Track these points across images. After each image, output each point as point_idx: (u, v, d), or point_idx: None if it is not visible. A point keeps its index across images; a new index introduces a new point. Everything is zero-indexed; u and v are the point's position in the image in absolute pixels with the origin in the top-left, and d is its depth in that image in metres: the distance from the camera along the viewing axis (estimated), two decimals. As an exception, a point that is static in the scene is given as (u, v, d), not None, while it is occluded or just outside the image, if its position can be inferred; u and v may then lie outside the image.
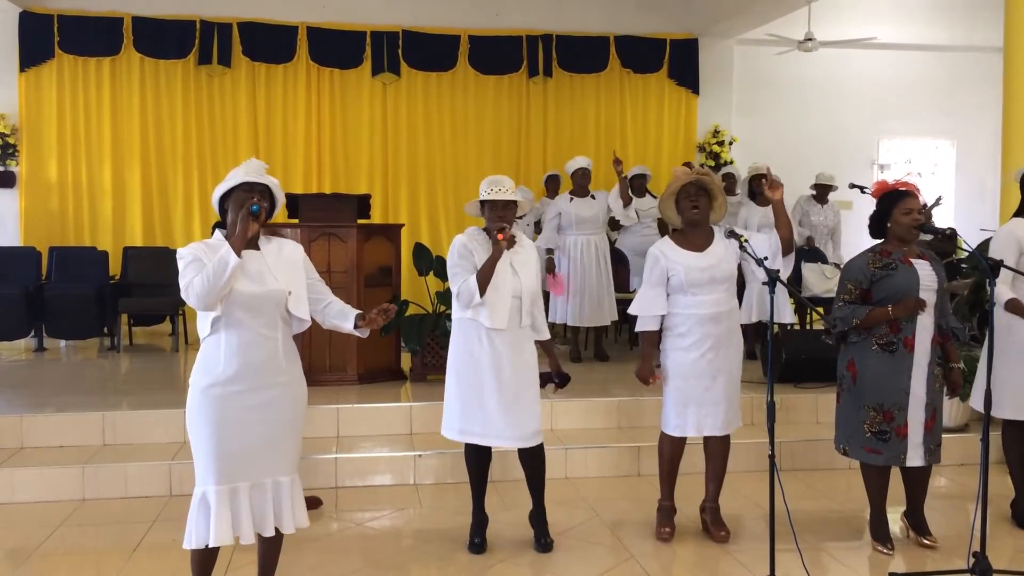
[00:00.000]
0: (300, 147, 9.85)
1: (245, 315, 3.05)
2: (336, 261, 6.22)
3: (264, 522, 3.12)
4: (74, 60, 9.40)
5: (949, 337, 4.03)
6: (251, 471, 3.07)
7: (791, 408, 5.87)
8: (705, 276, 4.04)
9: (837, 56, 10.46)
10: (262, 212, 3.04)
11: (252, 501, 3.09)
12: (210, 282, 2.93)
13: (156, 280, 8.35)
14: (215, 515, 3.01)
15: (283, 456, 3.15)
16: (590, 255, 7.27)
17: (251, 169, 3.13)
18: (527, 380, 4.01)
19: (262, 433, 3.08)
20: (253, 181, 3.10)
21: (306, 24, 9.77)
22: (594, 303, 7.24)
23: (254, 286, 3.06)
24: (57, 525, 4.44)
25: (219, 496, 3.02)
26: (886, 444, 3.96)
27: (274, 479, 3.13)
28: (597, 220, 7.32)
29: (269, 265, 3.13)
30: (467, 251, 3.97)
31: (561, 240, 7.30)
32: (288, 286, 3.13)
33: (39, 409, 5.55)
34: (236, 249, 2.95)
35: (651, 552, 4.10)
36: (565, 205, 7.34)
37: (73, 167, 9.43)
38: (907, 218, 3.94)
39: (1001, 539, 4.24)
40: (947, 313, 4.03)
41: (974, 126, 11.13)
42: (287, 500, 3.16)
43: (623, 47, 10.41)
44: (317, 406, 5.43)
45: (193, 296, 2.96)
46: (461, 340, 4.03)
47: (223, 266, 2.93)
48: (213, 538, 3.01)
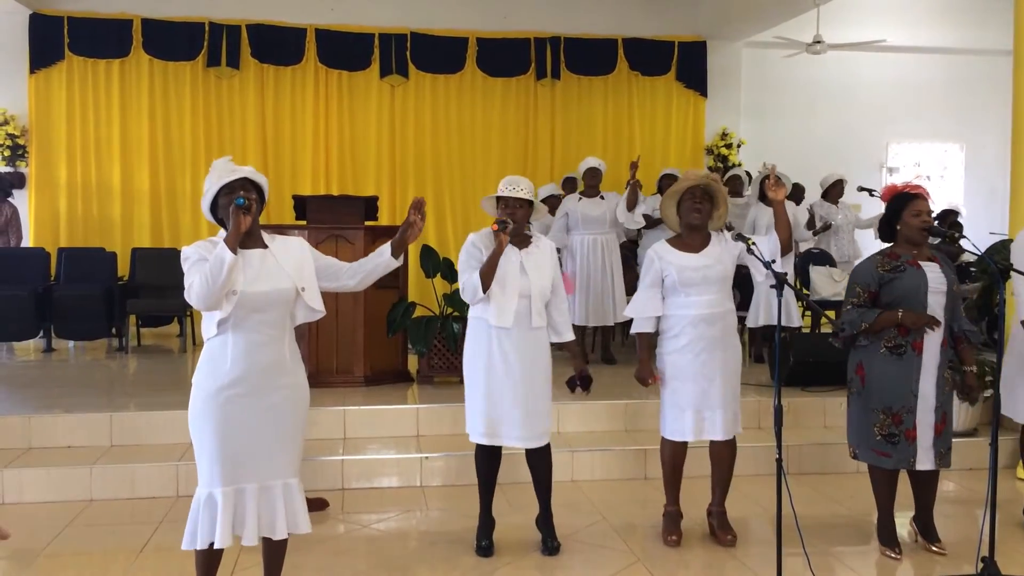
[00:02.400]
0: (308, 149, 9.88)
1: (254, 315, 3.03)
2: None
3: (273, 525, 3.10)
4: (83, 62, 9.45)
5: (963, 340, 4.01)
6: (256, 473, 3.06)
7: (799, 412, 5.85)
8: (698, 276, 4.03)
9: (846, 59, 10.45)
10: (251, 204, 2.97)
11: (259, 503, 3.08)
12: (209, 282, 2.90)
13: (164, 281, 8.36)
14: (220, 516, 3.00)
15: (290, 458, 3.14)
16: (596, 255, 7.26)
17: (222, 172, 3.07)
18: (537, 381, 3.99)
19: (267, 435, 3.07)
20: (230, 181, 3.05)
21: (314, 26, 9.80)
22: (598, 302, 7.23)
23: (263, 285, 3.04)
24: (64, 525, 4.45)
25: (225, 497, 3.01)
26: (895, 447, 3.95)
27: (284, 481, 3.12)
28: (604, 220, 7.31)
29: (279, 262, 3.10)
30: (475, 249, 3.98)
31: (568, 239, 7.30)
32: (299, 282, 3.12)
33: (47, 409, 5.56)
34: (230, 246, 2.91)
35: (658, 556, 4.09)
36: (573, 205, 7.35)
37: (82, 168, 9.48)
38: (916, 220, 3.93)
39: (1010, 544, 4.21)
40: (959, 316, 4.01)
41: (983, 129, 11.10)
42: (300, 500, 3.15)
43: (631, 49, 10.42)
44: (324, 408, 5.43)
45: (194, 296, 2.94)
46: (472, 339, 4.05)
47: (219, 264, 2.89)
48: (218, 540, 3.01)
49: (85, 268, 8.49)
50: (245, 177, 3.08)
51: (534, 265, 3.99)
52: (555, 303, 4.09)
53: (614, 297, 7.30)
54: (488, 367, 3.96)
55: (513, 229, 3.89)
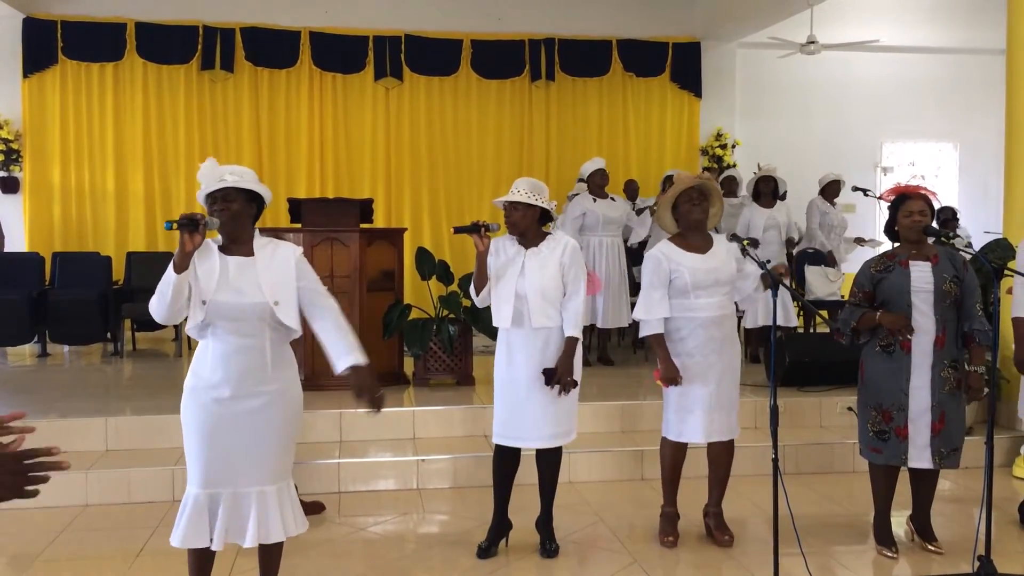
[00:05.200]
0: (303, 152, 9.88)
1: (227, 324, 2.99)
2: (339, 266, 6.22)
3: (241, 532, 3.04)
4: (77, 66, 9.44)
5: (972, 339, 4.00)
6: (233, 479, 3.03)
7: (795, 412, 5.85)
8: (710, 278, 4.04)
9: (840, 59, 10.46)
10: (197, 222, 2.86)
11: (229, 510, 3.03)
12: (160, 299, 2.92)
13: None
14: (186, 519, 3.00)
15: (268, 465, 3.07)
16: (613, 256, 7.24)
17: (206, 180, 3.02)
18: (542, 381, 3.95)
19: (246, 442, 3.02)
20: (212, 191, 3.01)
21: (309, 29, 9.80)
22: (616, 304, 7.21)
23: (234, 296, 2.98)
24: (60, 530, 4.44)
25: (197, 500, 3.01)
26: (886, 444, 3.98)
27: (259, 489, 3.05)
28: (620, 222, 7.32)
29: (258, 273, 3.03)
30: (488, 254, 4.03)
31: (584, 240, 7.20)
32: (274, 296, 3.00)
33: (42, 414, 5.53)
34: (176, 265, 2.88)
35: (655, 557, 4.09)
36: (590, 205, 7.19)
37: (76, 172, 9.46)
38: (907, 220, 3.98)
39: (1006, 543, 4.22)
40: (972, 315, 3.98)
41: (977, 128, 11.12)
42: (274, 509, 3.07)
43: (625, 51, 10.43)
44: (320, 411, 5.43)
45: (152, 312, 2.97)
46: (497, 341, 4.11)
47: (166, 283, 2.90)
48: (180, 540, 3.01)
49: (80, 272, 8.46)
50: (228, 187, 3.01)
51: (537, 265, 3.96)
52: (565, 301, 3.97)
53: (625, 298, 7.29)
54: (500, 368, 4.02)
55: (517, 230, 3.94)
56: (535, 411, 3.96)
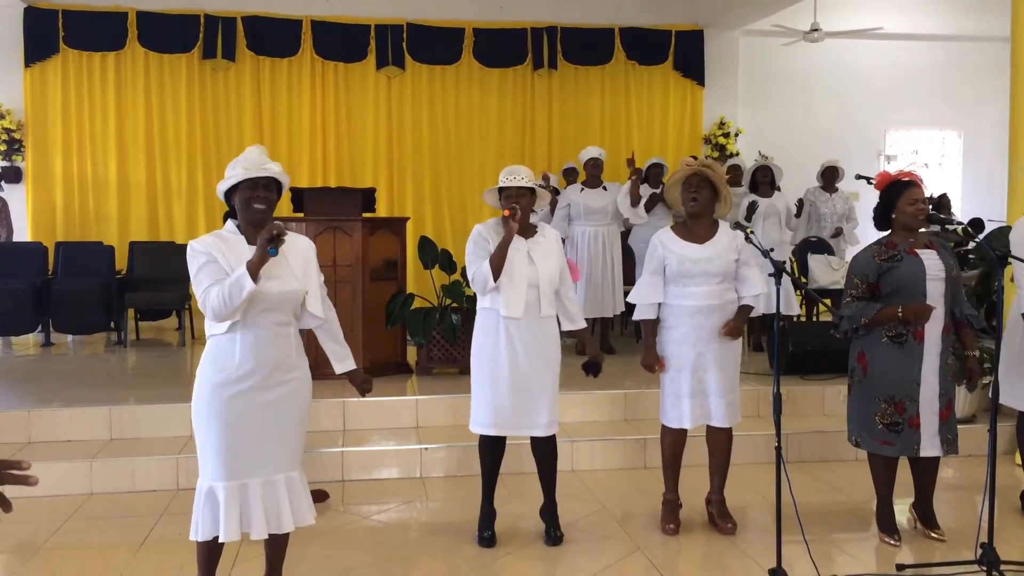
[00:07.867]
0: (305, 141, 9.87)
1: (265, 313, 3.02)
2: (341, 255, 6.22)
3: (280, 519, 3.10)
4: (79, 55, 9.42)
5: (964, 325, 4.00)
6: (261, 467, 3.06)
7: (797, 400, 5.85)
8: (697, 268, 4.03)
9: (843, 47, 10.42)
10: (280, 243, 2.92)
11: (264, 497, 3.07)
12: (226, 302, 2.90)
13: (162, 275, 8.35)
14: (224, 512, 3.01)
15: (294, 451, 3.15)
16: (597, 246, 7.25)
17: (251, 163, 3.03)
18: (544, 370, 3.99)
19: (272, 430, 3.07)
20: (255, 177, 3.03)
21: (310, 18, 9.77)
22: (597, 294, 7.23)
23: (277, 285, 3.02)
24: (65, 519, 4.45)
25: (228, 492, 3.01)
26: (899, 435, 3.95)
27: (287, 474, 3.12)
28: (606, 211, 7.30)
29: (289, 261, 3.09)
30: (482, 239, 3.99)
31: (570, 230, 7.29)
32: (306, 285, 3.12)
33: (46, 404, 5.56)
34: (252, 274, 2.88)
35: (658, 544, 4.10)
36: (575, 196, 7.34)
37: (79, 162, 9.46)
38: (913, 208, 3.92)
39: (1009, 530, 4.23)
40: (961, 301, 3.99)
41: (981, 116, 11.09)
42: (304, 494, 3.17)
43: (628, 39, 10.39)
44: (323, 400, 5.43)
45: (209, 310, 2.95)
46: (481, 330, 4.05)
47: (239, 290, 2.89)
48: (223, 534, 3.01)
49: (83, 262, 8.47)
50: (271, 178, 3.05)
51: (541, 254, 3.98)
52: (564, 291, 4.08)
53: (613, 289, 7.30)
54: (497, 357, 3.96)
55: (520, 217, 3.89)
56: (536, 400, 3.97)
